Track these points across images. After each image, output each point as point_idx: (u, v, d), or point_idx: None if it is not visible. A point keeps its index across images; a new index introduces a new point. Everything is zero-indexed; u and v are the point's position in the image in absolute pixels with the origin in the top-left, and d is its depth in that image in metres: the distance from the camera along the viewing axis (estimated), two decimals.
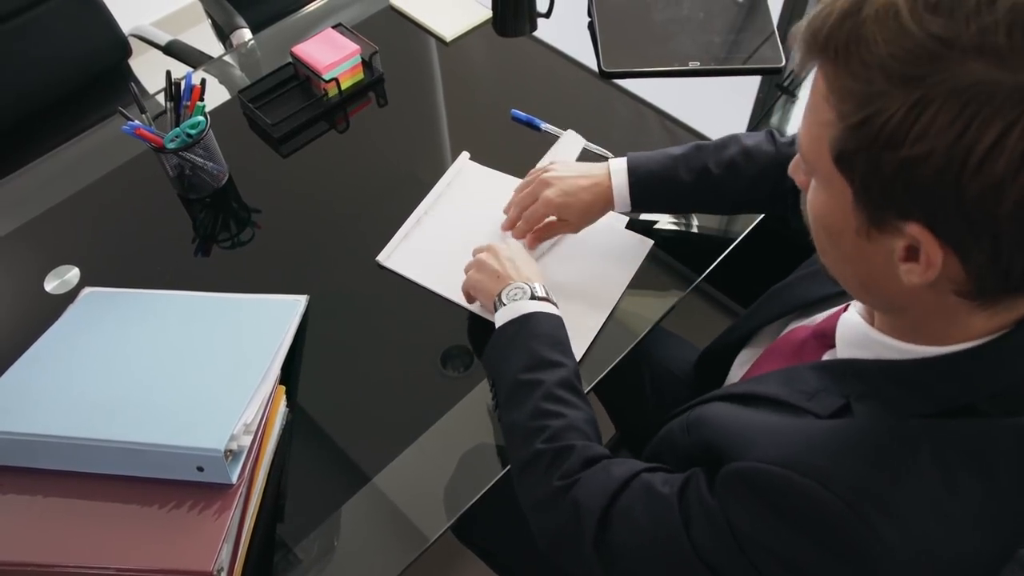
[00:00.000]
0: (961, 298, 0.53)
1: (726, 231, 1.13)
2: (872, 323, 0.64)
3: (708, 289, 1.76)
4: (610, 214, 1.05)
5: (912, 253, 0.52)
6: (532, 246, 1.06)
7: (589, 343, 1.00)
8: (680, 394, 1.04)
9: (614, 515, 0.71)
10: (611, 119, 1.28)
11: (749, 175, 0.96)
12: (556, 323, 0.90)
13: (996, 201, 0.45)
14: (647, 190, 1.00)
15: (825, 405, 0.62)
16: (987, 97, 0.43)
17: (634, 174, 1.00)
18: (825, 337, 0.72)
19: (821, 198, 0.57)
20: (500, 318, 0.91)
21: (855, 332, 0.65)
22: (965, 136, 0.44)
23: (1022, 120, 0.43)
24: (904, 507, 0.55)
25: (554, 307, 0.92)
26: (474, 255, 1.02)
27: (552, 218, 1.03)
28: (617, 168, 1.01)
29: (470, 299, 1.02)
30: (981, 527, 0.56)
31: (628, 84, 1.31)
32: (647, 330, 1.02)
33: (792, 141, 0.96)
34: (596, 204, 1.02)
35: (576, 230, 1.05)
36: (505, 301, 0.91)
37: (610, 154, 1.20)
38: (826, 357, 0.71)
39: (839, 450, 0.58)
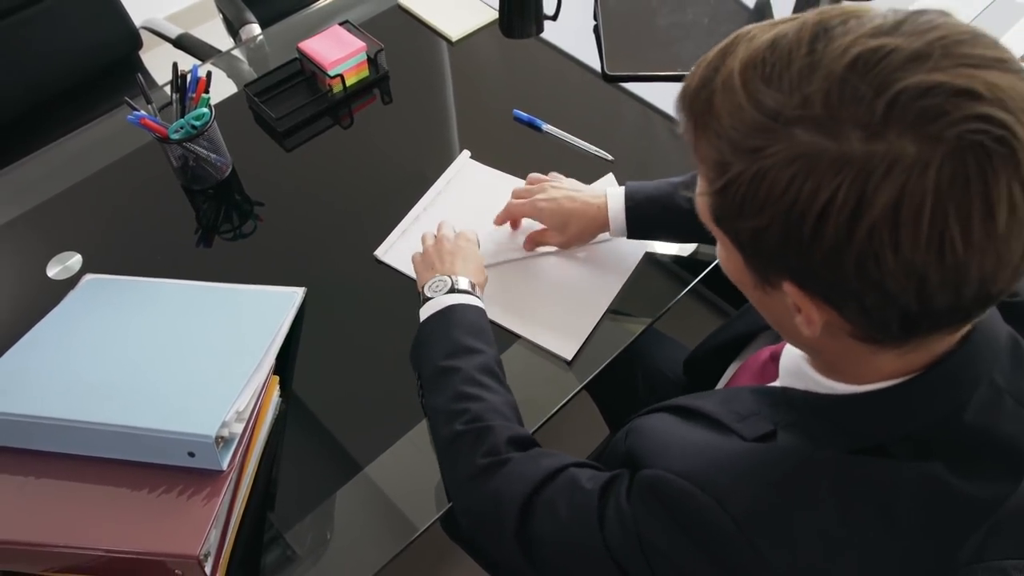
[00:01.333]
0: (860, 342, 0.53)
1: None
2: (808, 359, 0.64)
3: (703, 291, 1.76)
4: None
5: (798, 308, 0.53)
6: (528, 248, 1.07)
7: (582, 342, 1.01)
8: (673, 395, 1.04)
9: (537, 505, 0.72)
10: (614, 122, 1.28)
11: None
12: (477, 312, 0.92)
13: (839, 262, 0.46)
14: (644, 215, 1.00)
15: (753, 429, 0.63)
16: (812, 164, 0.45)
17: (631, 199, 1.00)
18: (777, 361, 0.73)
19: (723, 254, 0.59)
20: (422, 312, 0.94)
21: (792, 363, 0.65)
22: (796, 205, 0.45)
23: (843, 186, 0.44)
24: (796, 535, 0.55)
25: (476, 299, 0.94)
26: (423, 240, 1.05)
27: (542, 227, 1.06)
28: (614, 192, 1.02)
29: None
30: (876, 567, 0.55)
31: (632, 88, 1.32)
32: (641, 331, 1.03)
33: None
34: (588, 225, 1.03)
35: (565, 245, 1.06)
36: (428, 294, 0.95)
37: (611, 157, 1.21)
38: (774, 384, 0.71)
39: (743, 472, 0.59)
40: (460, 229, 1.05)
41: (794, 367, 0.65)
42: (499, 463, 0.77)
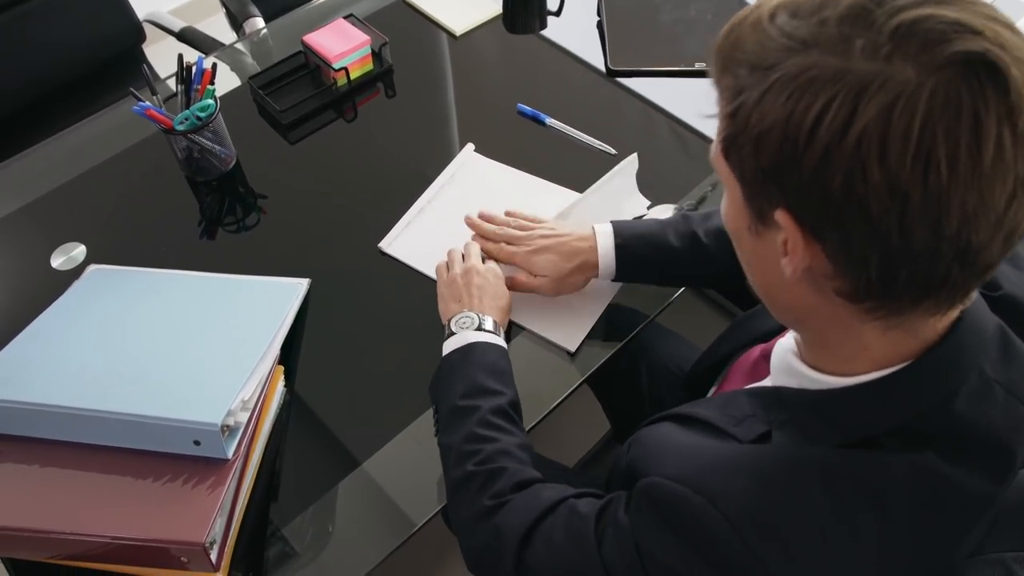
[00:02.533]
0: (844, 300, 0.53)
1: None
2: (798, 353, 0.65)
3: (710, 292, 1.77)
4: (612, 208, 1.05)
5: (787, 246, 0.54)
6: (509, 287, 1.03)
7: (586, 334, 1.01)
8: (676, 391, 1.05)
9: (536, 536, 0.73)
10: (616, 117, 1.29)
11: None
12: (499, 353, 0.91)
13: (829, 175, 0.47)
14: (633, 254, 0.97)
15: (749, 431, 0.64)
16: (816, 78, 0.47)
17: (620, 235, 0.97)
18: (767, 360, 0.73)
19: (725, 202, 0.60)
20: (446, 347, 0.93)
21: (783, 360, 0.66)
22: (795, 115, 0.48)
23: (839, 95, 0.46)
24: (789, 532, 0.56)
25: (500, 340, 0.93)
26: (450, 259, 1.03)
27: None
28: (603, 230, 0.99)
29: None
30: (872, 559, 0.56)
31: (635, 84, 1.32)
32: (643, 324, 1.03)
33: None
34: (576, 269, 0.99)
35: (553, 292, 1.01)
36: (454, 329, 0.94)
37: (615, 151, 1.21)
38: (765, 382, 0.72)
39: (736, 473, 0.59)
40: (488, 261, 1.03)
41: (784, 364, 0.65)
42: (504, 503, 0.77)
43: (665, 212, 1.13)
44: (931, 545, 0.56)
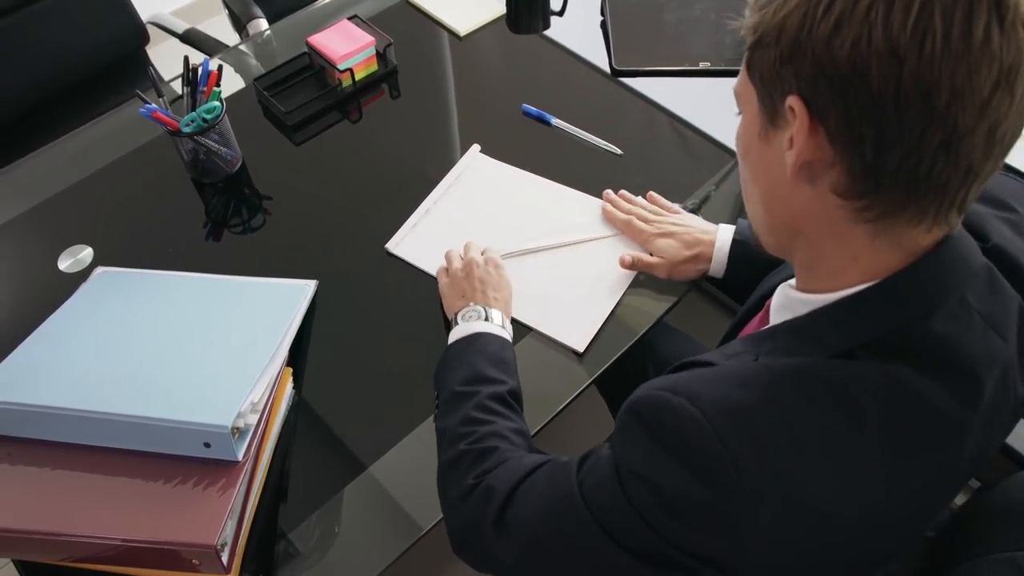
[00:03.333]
0: (840, 199, 0.55)
1: None
2: (794, 285, 0.66)
3: (713, 290, 1.76)
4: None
5: (791, 142, 0.56)
6: (626, 265, 1.07)
7: (594, 334, 1.01)
8: None
9: (518, 494, 0.72)
10: (621, 117, 1.29)
11: None
12: (502, 344, 0.93)
13: (839, 42, 0.50)
14: (746, 253, 1.00)
15: (738, 361, 0.64)
16: None
17: (740, 232, 1.01)
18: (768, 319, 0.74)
19: (742, 122, 0.63)
20: (452, 336, 0.95)
21: (782, 296, 0.68)
22: None
23: None
24: (763, 431, 0.56)
25: (505, 332, 0.95)
26: (448, 259, 1.05)
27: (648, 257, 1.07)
28: (726, 227, 1.03)
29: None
30: (840, 462, 0.57)
31: (640, 84, 1.32)
32: (651, 324, 1.04)
33: None
34: (692, 258, 1.03)
35: (666, 275, 1.06)
36: (459, 321, 0.95)
37: (619, 151, 1.21)
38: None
39: (716, 380, 0.60)
40: (484, 248, 1.06)
41: (784, 300, 0.67)
42: (487, 481, 0.77)
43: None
44: (898, 454, 0.57)
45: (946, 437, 0.59)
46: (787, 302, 0.66)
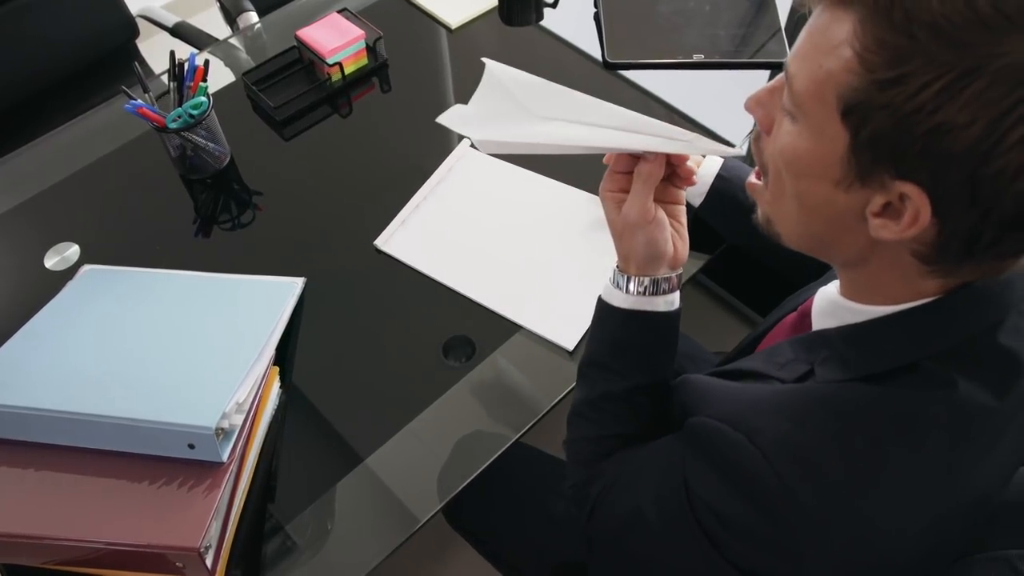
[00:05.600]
0: (916, 260, 0.54)
1: None
2: (841, 291, 0.65)
3: (715, 290, 1.76)
4: None
5: (888, 209, 0.52)
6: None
7: (581, 334, 1.00)
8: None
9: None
10: None
11: None
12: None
13: (1014, 178, 0.46)
14: (728, 192, 0.97)
15: (791, 372, 0.64)
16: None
17: (725, 169, 0.98)
18: (807, 316, 0.73)
19: (801, 144, 0.55)
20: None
21: (826, 302, 0.66)
22: (1011, 114, 0.44)
23: None
24: (822, 467, 0.55)
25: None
26: None
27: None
28: (712, 159, 0.99)
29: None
30: (909, 496, 0.56)
31: (634, 76, 1.31)
32: None
33: None
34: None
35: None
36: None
37: None
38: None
39: (774, 409, 0.59)
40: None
41: (827, 305, 0.65)
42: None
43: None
44: (961, 470, 0.57)
45: (1005, 443, 0.58)
46: (832, 309, 0.64)
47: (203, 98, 1.11)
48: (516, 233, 1.09)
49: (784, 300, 0.92)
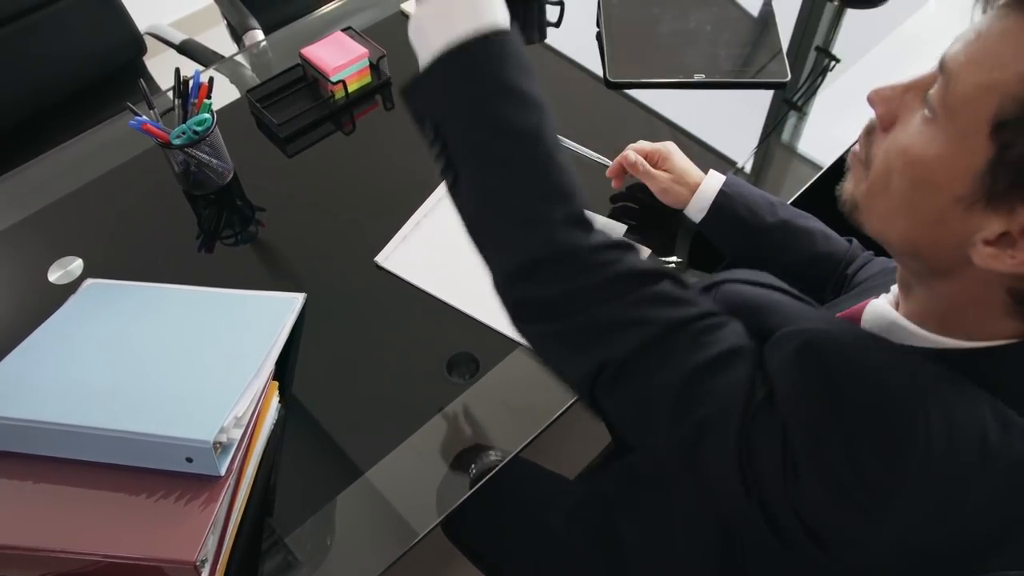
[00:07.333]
0: (1009, 297, 0.51)
1: None
2: (896, 305, 0.62)
3: None
4: None
5: (1003, 239, 0.49)
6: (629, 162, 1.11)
7: None
8: None
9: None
10: (617, 129, 1.28)
11: (819, 250, 0.97)
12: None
13: None
14: (730, 208, 1.00)
15: None
16: None
17: (727, 185, 1.01)
18: (853, 321, 0.71)
19: (932, 149, 0.52)
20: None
21: (880, 317, 0.62)
22: None
23: None
24: (960, 419, 0.50)
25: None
26: None
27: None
28: (715, 175, 1.04)
29: None
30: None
31: (635, 95, 1.32)
32: None
33: (860, 264, 0.94)
34: (673, 190, 1.05)
35: (659, 189, 1.07)
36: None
37: (610, 162, 1.20)
38: None
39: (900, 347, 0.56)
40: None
41: (880, 322, 0.62)
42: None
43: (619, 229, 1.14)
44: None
45: None
46: (889, 327, 0.61)
47: (207, 115, 1.12)
48: None
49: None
